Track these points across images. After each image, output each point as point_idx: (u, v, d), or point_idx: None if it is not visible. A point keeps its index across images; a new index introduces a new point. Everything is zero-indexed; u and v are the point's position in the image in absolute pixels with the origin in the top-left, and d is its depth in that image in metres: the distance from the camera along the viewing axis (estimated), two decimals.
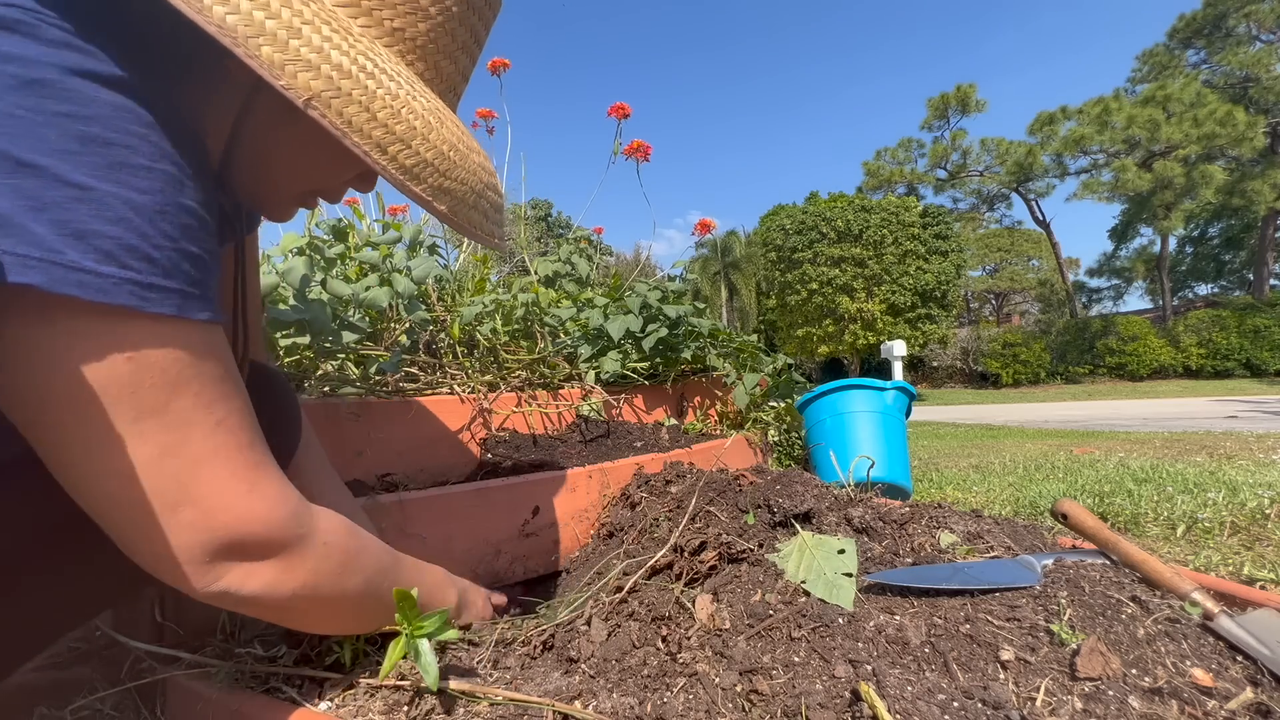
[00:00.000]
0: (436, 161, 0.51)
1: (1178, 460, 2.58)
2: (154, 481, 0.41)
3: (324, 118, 0.45)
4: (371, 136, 0.47)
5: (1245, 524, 1.34)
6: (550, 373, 1.77)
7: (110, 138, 0.38)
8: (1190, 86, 19.99)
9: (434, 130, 0.51)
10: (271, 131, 0.54)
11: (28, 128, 0.35)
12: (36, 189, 0.35)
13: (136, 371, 0.40)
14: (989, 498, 1.85)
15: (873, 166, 26.37)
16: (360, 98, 0.46)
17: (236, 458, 0.45)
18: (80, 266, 0.36)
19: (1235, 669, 0.56)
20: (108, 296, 0.37)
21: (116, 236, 0.37)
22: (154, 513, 0.42)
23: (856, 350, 18.68)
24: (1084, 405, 13.26)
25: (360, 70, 0.46)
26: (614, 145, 2.33)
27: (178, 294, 0.41)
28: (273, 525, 0.47)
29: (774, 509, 0.88)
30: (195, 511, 0.43)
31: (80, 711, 0.67)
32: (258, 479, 0.47)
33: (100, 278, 0.37)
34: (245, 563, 0.46)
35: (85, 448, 0.40)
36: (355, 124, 0.46)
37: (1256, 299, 21.32)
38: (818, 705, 0.54)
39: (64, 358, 0.38)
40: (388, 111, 0.47)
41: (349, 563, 0.55)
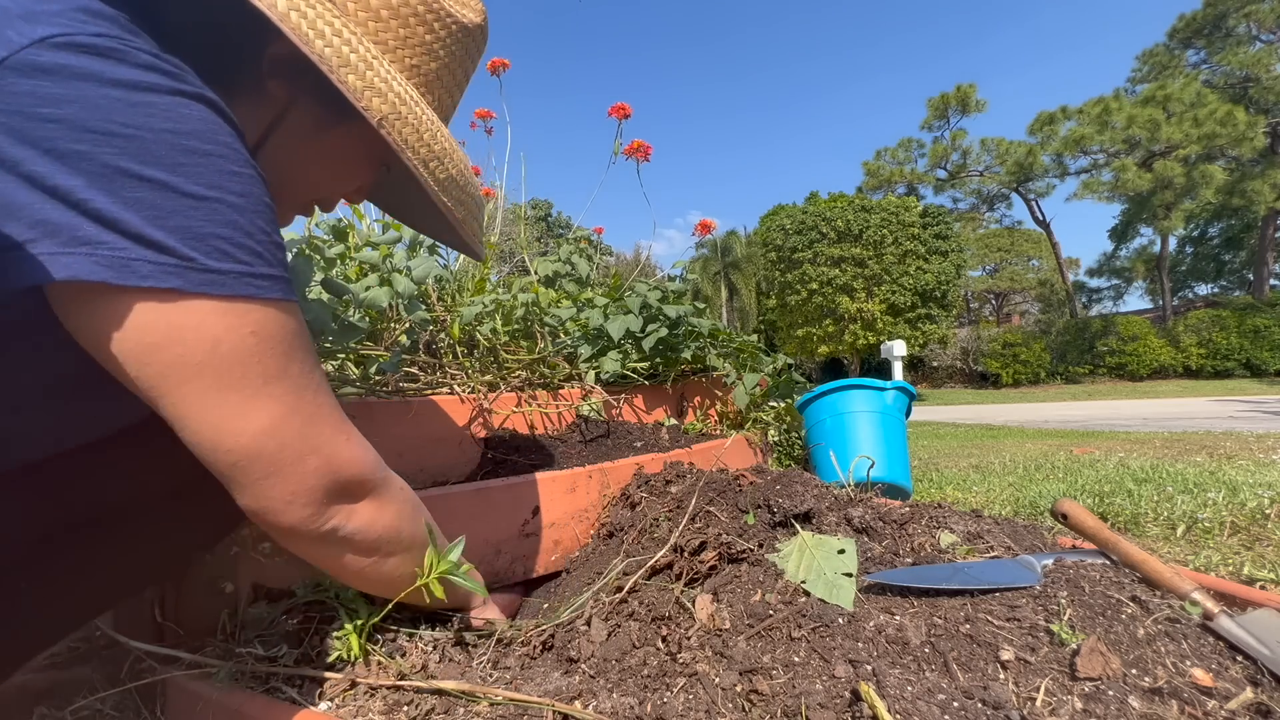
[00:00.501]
0: (458, 178, 0.62)
1: (1178, 460, 2.58)
2: (285, 435, 0.49)
3: (389, 135, 0.54)
4: (419, 154, 0.56)
5: (1245, 524, 1.34)
6: (550, 373, 1.77)
7: (207, 149, 0.43)
8: (1190, 86, 19.99)
9: (456, 152, 0.61)
10: (296, 145, 0.61)
11: (140, 145, 0.40)
12: (158, 200, 0.41)
13: (260, 344, 0.46)
14: (989, 498, 1.85)
15: (873, 166, 26.37)
16: (412, 121, 0.55)
17: (335, 413, 0.53)
18: (207, 267, 0.43)
19: (1235, 669, 0.56)
20: (231, 290, 0.44)
21: (228, 237, 0.44)
22: (287, 462, 0.49)
23: (856, 350, 18.68)
24: (1084, 405, 13.25)
25: (410, 98, 0.56)
26: (614, 145, 2.33)
27: (281, 280, 0.48)
28: (368, 468, 0.56)
29: (774, 509, 0.88)
30: (319, 459, 0.51)
31: (80, 711, 0.67)
32: (350, 430, 0.55)
33: (223, 275, 0.44)
34: (349, 503, 0.55)
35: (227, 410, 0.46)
36: (409, 142, 0.55)
37: (1256, 299, 21.32)
38: (818, 705, 0.54)
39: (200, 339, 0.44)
40: (429, 134, 0.57)
41: (419, 513, 0.64)
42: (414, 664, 0.64)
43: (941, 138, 26.26)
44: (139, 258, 0.40)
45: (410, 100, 0.56)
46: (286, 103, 0.58)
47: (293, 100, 0.58)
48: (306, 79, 0.54)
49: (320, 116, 0.59)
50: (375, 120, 0.52)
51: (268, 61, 0.56)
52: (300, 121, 0.59)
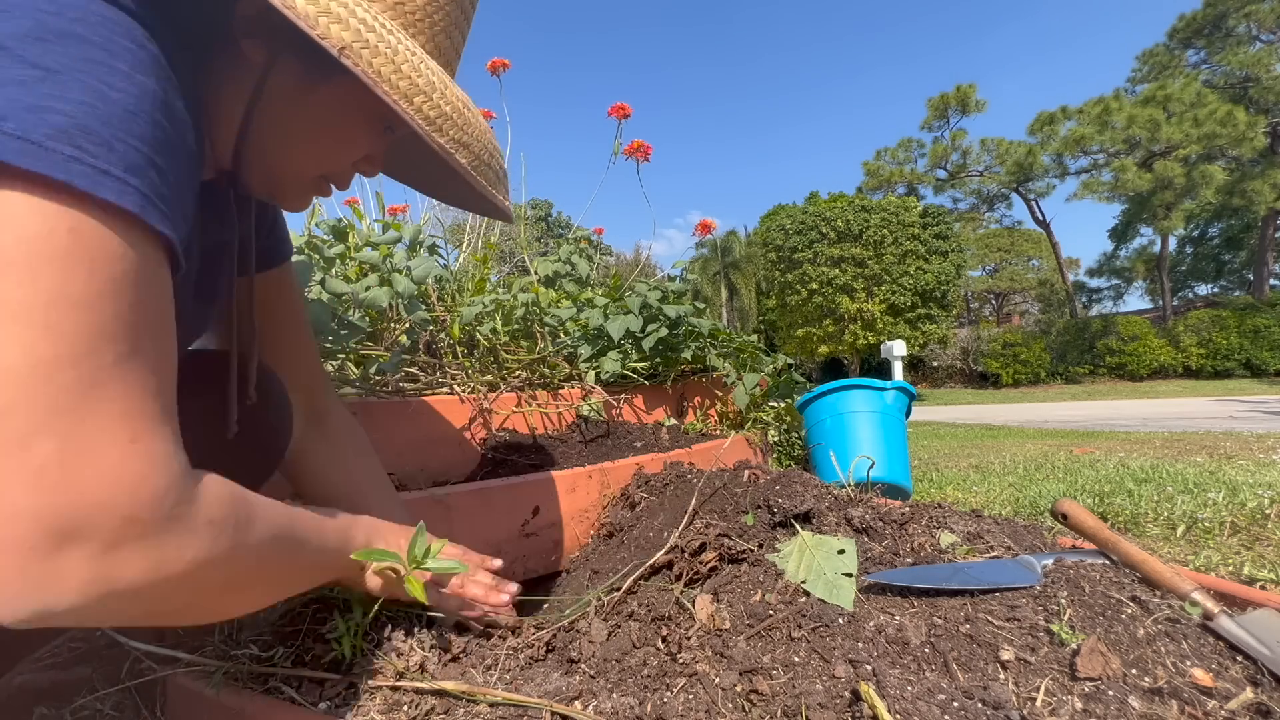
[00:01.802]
0: (454, 116, 0.53)
1: (1178, 460, 2.58)
2: (27, 388, 0.33)
3: (356, 66, 0.46)
4: (399, 87, 0.48)
5: (1245, 524, 1.34)
6: (550, 373, 1.77)
7: (90, 38, 0.36)
8: (1190, 86, 19.99)
9: (449, 87, 0.53)
10: (285, 111, 0.55)
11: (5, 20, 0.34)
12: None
13: (69, 250, 0.34)
14: (989, 498, 1.85)
15: (873, 166, 26.37)
16: (385, 50, 0.48)
17: (139, 397, 0.37)
18: (27, 137, 0.33)
19: (1235, 669, 0.56)
20: (56, 170, 0.33)
21: (73, 115, 0.34)
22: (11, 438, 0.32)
23: (856, 350, 18.67)
24: (1084, 405, 13.25)
25: (381, 27, 0.48)
26: (614, 145, 2.33)
27: (137, 192, 0.36)
28: (145, 492, 0.37)
29: (774, 509, 0.88)
30: (55, 446, 0.33)
31: (80, 711, 0.67)
32: (144, 431, 0.37)
33: (48, 151, 0.33)
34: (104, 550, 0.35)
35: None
36: (384, 74, 0.47)
37: (1256, 299, 21.32)
38: (818, 705, 0.54)
39: None
40: (409, 65, 0.49)
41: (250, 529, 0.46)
42: (414, 664, 0.64)
43: (941, 138, 26.27)
44: None
45: (381, 29, 0.48)
46: (266, 64, 0.52)
47: (272, 61, 0.52)
48: (281, 35, 0.49)
49: (303, 74, 0.53)
50: (336, 50, 0.44)
51: (239, 20, 0.51)
52: (284, 84, 0.53)
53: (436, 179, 0.73)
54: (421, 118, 0.50)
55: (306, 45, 0.46)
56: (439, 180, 0.73)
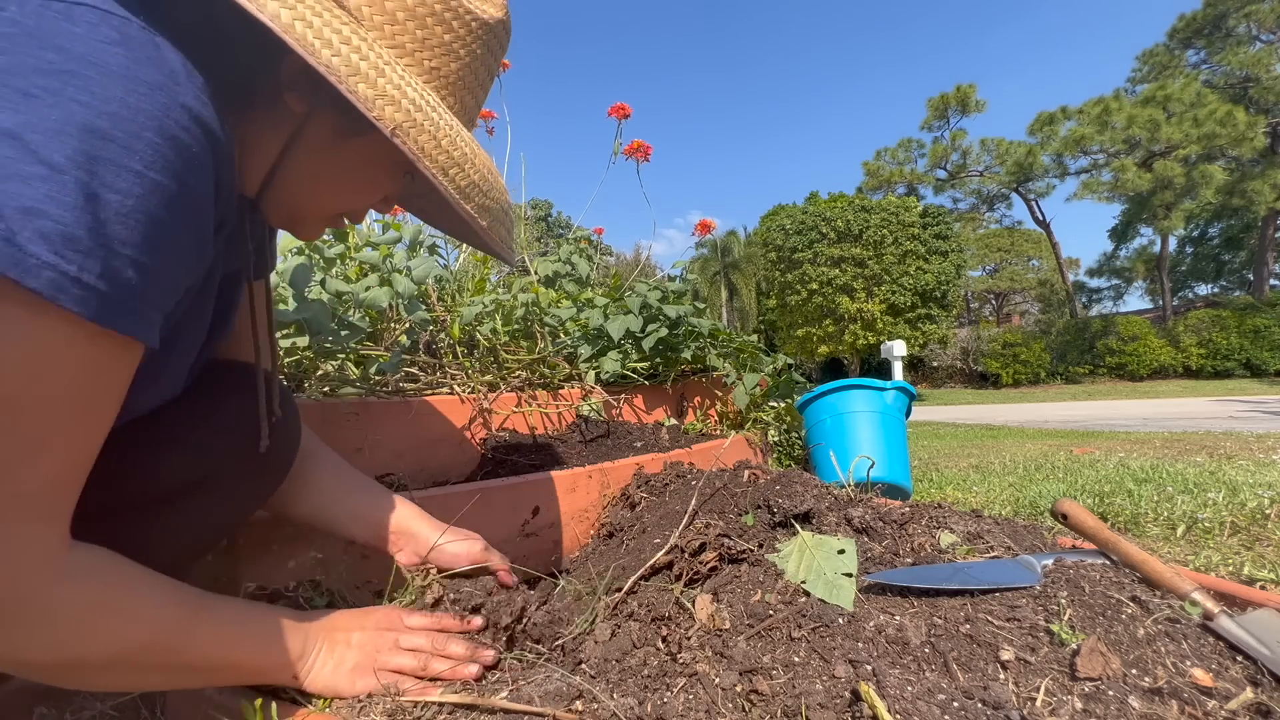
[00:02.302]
0: (480, 184, 0.59)
1: (1178, 460, 2.58)
2: None
3: (404, 144, 0.51)
4: (438, 161, 0.54)
5: (1245, 524, 1.34)
6: (550, 373, 1.77)
7: (114, 134, 0.38)
8: (1190, 86, 19.99)
9: (478, 156, 0.59)
10: (317, 157, 0.59)
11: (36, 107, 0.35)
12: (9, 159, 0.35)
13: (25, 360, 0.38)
14: (989, 498, 1.85)
15: (873, 167, 26.37)
16: (429, 128, 0.53)
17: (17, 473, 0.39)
18: (12, 240, 0.35)
19: (1235, 669, 0.56)
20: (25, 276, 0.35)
21: (62, 222, 0.36)
22: None
23: (856, 350, 18.68)
24: (1084, 405, 13.26)
25: (426, 104, 0.54)
26: (614, 145, 2.33)
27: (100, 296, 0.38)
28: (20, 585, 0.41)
29: (774, 509, 0.88)
30: None
31: (80, 712, 0.67)
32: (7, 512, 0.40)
33: (24, 254, 0.35)
34: None
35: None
36: (426, 150, 0.53)
37: (1256, 299, 21.32)
38: (818, 705, 0.54)
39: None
40: (448, 140, 0.55)
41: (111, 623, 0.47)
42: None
43: (941, 138, 26.27)
44: None
45: (427, 106, 0.53)
46: (305, 115, 0.57)
47: (311, 113, 0.56)
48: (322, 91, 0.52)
49: (339, 127, 0.58)
50: (389, 130, 0.50)
51: (285, 75, 0.55)
52: (319, 133, 0.58)
53: (445, 219, 0.78)
54: (454, 188, 0.56)
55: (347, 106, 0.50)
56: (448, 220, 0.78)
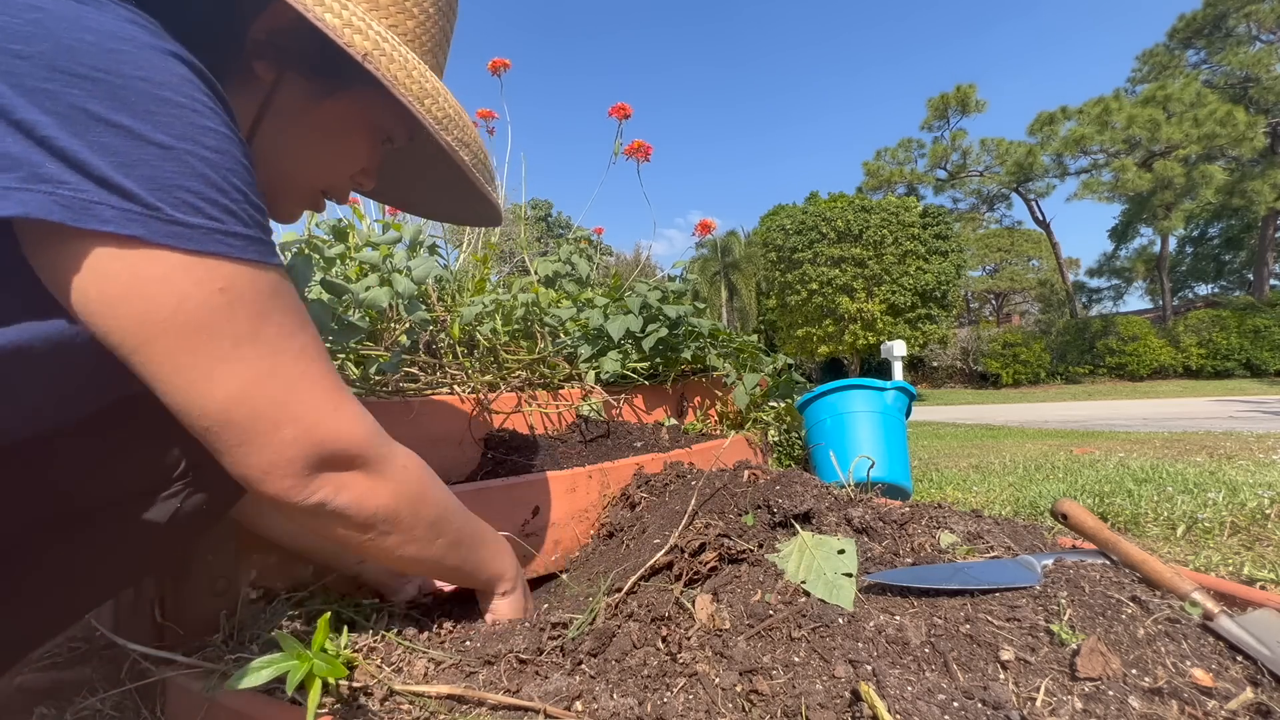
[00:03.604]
0: (456, 118, 0.59)
1: (1178, 460, 2.58)
2: (258, 402, 0.47)
3: (377, 70, 0.51)
4: (412, 90, 0.54)
5: (1245, 524, 1.34)
6: (550, 373, 1.77)
7: (180, 101, 0.41)
8: (1190, 86, 19.98)
9: (449, 94, 0.59)
10: (289, 124, 0.59)
11: (110, 89, 0.39)
12: (124, 148, 0.39)
13: (230, 303, 0.44)
14: (989, 498, 1.85)
15: (873, 167, 26.37)
16: (399, 58, 0.53)
17: (322, 381, 0.51)
18: (173, 219, 0.41)
19: (1235, 669, 0.56)
20: (199, 245, 0.42)
21: (198, 191, 0.42)
22: (261, 431, 0.47)
23: (856, 350, 18.67)
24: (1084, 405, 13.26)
25: (392, 39, 0.54)
26: (615, 145, 2.33)
27: (257, 241, 0.46)
28: (358, 439, 0.53)
29: (774, 509, 0.88)
30: (296, 428, 0.49)
31: (80, 711, 0.67)
32: (340, 400, 0.53)
33: (191, 229, 0.42)
34: (338, 474, 0.53)
35: (196, 374, 0.44)
36: (399, 79, 0.53)
37: (1256, 299, 21.31)
38: (818, 705, 0.54)
39: (165, 294, 0.42)
40: (418, 72, 0.55)
41: (426, 492, 0.61)
42: (417, 672, 0.64)
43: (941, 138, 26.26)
44: (101, 201, 0.39)
45: (393, 41, 0.54)
46: (274, 82, 0.57)
47: (279, 79, 0.57)
48: (290, 55, 0.54)
49: (308, 90, 0.58)
50: (360, 56, 0.50)
51: (250, 43, 0.55)
52: (289, 99, 0.58)
53: (427, 194, 0.78)
54: (431, 117, 0.56)
55: (314, 63, 0.52)
56: (429, 196, 0.78)
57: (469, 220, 0.83)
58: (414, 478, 0.60)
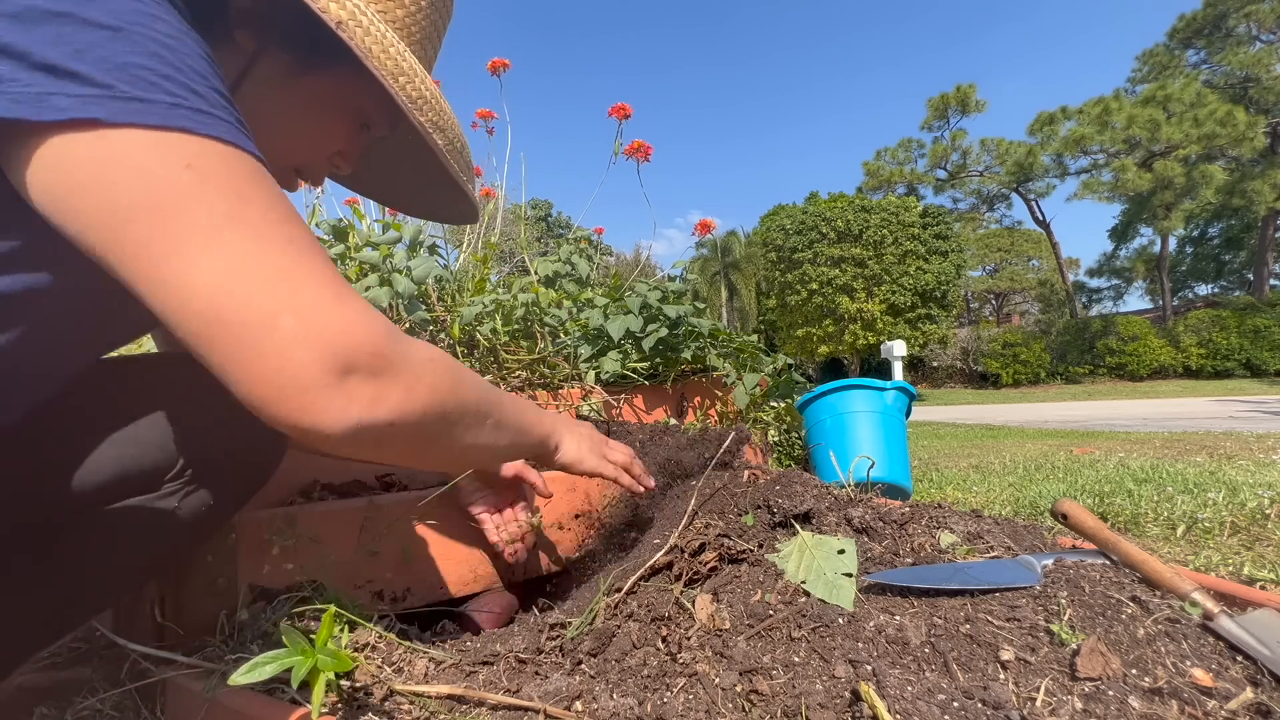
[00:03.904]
0: (432, 101, 0.58)
1: (1178, 460, 2.58)
2: (247, 288, 0.40)
3: (350, 40, 0.50)
4: (385, 65, 0.53)
5: (1245, 524, 1.34)
6: (550, 373, 1.77)
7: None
8: (1190, 86, 19.99)
9: (427, 76, 0.58)
10: (267, 96, 0.58)
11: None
12: (70, 34, 0.37)
13: (200, 181, 0.40)
14: (989, 498, 1.85)
15: (873, 167, 26.38)
16: (375, 32, 0.52)
17: (320, 272, 0.43)
18: (131, 95, 0.38)
19: (1235, 669, 0.56)
20: (160, 118, 0.39)
21: (154, 68, 0.39)
22: (255, 323, 0.40)
23: (856, 350, 18.68)
24: (1084, 405, 13.26)
25: (374, 17, 0.53)
26: (615, 145, 2.33)
27: (226, 122, 0.42)
28: (374, 334, 0.44)
29: (774, 509, 0.88)
30: (297, 322, 0.41)
31: (80, 711, 0.67)
32: (343, 292, 0.44)
33: (149, 103, 0.39)
34: (369, 382, 0.44)
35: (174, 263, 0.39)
36: (374, 52, 0.52)
37: (1256, 299, 21.32)
38: (818, 705, 0.54)
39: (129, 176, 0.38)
40: (395, 49, 0.54)
41: (460, 375, 0.54)
42: (417, 671, 0.64)
43: (941, 138, 26.27)
44: (55, 90, 0.37)
45: (372, 16, 0.53)
46: (255, 53, 0.56)
47: (261, 50, 0.56)
48: (273, 26, 0.54)
49: (289, 64, 0.57)
50: (334, 23, 0.49)
51: (235, 11, 0.55)
52: (269, 73, 0.57)
53: (405, 185, 0.76)
54: (405, 96, 0.54)
55: (296, 36, 0.50)
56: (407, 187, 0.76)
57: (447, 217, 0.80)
58: (443, 368, 0.51)
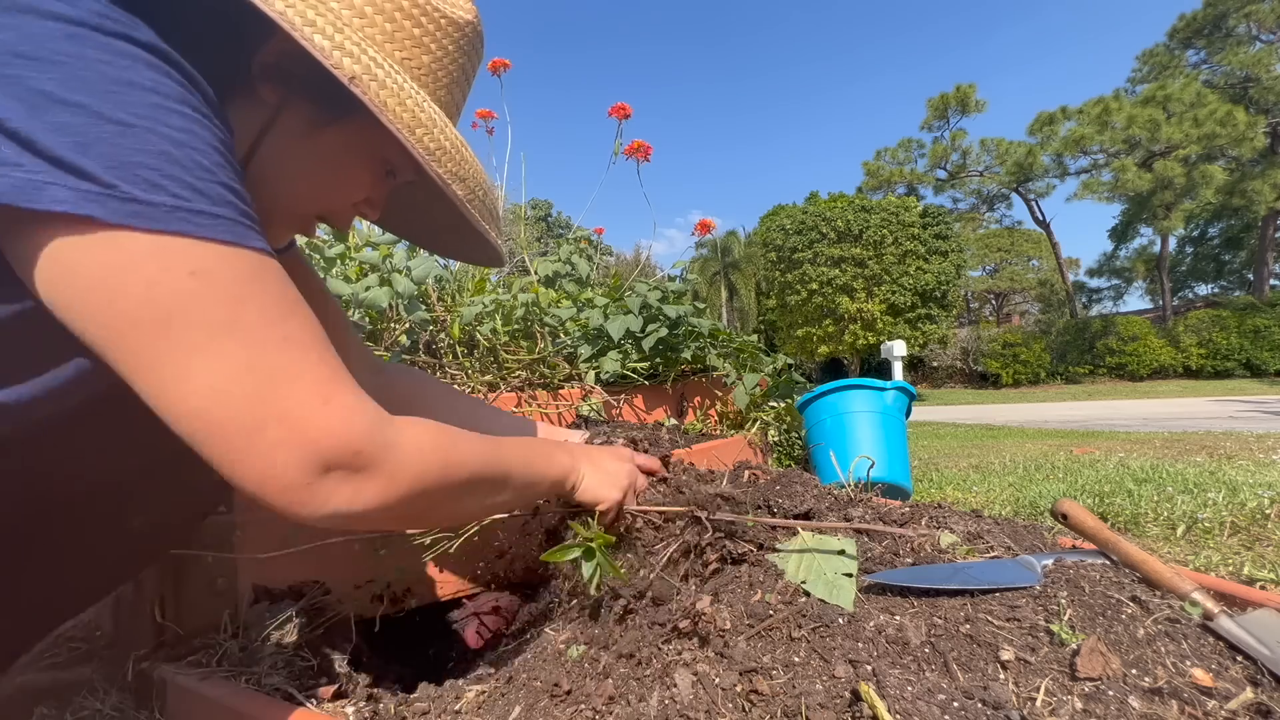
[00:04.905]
0: (452, 151, 0.58)
1: (1178, 460, 2.58)
2: (236, 399, 0.42)
3: (364, 95, 0.50)
4: (402, 119, 0.53)
5: (1245, 524, 1.34)
6: (550, 373, 1.77)
7: (144, 83, 0.40)
8: (1190, 86, 20.00)
9: (448, 127, 0.58)
10: (290, 147, 0.58)
11: (69, 71, 0.38)
12: (80, 126, 0.37)
13: (202, 289, 0.41)
14: (989, 498, 1.85)
15: (873, 167, 26.38)
16: (391, 85, 0.52)
17: (310, 373, 0.45)
18: (132, 196, 0.38)
19: (1235, 669, 0.56)
20: (162, 224, 0.39)
21: (159, 168, 0.39)
22: (243, 433, 0.42)
23: (856, 350, 18.68)
24: (1084, 405, 13.26)
25: (390, 69, 0.54)
26: (615, 145, 2.33)
27: (228, 220, 0.42)
28: (356, 433, 0.46)
29: (774, 509, 0.88)
30: (282, 429, 0.43)
31: (80, 711, 0.67)
32: (332, 392, 0.46)
33: (152, 207, 0.39)
34: (349, 478, 0.46)
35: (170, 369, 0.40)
36: (389, 105, 0.52)
37: (1256, 299, 21.32)
38: (818, 705, 0.54)
39: (131, 282, 0.39)
40: (413, 101, 0.54)
41: (449, 458, 0.55)
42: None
43: (941, 138, 26.27)
44: (54, 181, 0.37)
45: (390, 69, 0.53)
46: (278, 106, 0.57)
47: (284, 102, 0.57)
48: (296, 80, 0.54)
49: (312, 116, 0.58)
50: (347, 79, 0.49)
51: (257, 66, 0.55)
52: (293, 123, 0.58)
53: (433, 227, 0.77)
54: (422, 148, 0.54)
55: (319, 89, 0.50)
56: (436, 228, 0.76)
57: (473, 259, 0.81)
58: (430, 452, 0.53)
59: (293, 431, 0.43)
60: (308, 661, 0.69)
